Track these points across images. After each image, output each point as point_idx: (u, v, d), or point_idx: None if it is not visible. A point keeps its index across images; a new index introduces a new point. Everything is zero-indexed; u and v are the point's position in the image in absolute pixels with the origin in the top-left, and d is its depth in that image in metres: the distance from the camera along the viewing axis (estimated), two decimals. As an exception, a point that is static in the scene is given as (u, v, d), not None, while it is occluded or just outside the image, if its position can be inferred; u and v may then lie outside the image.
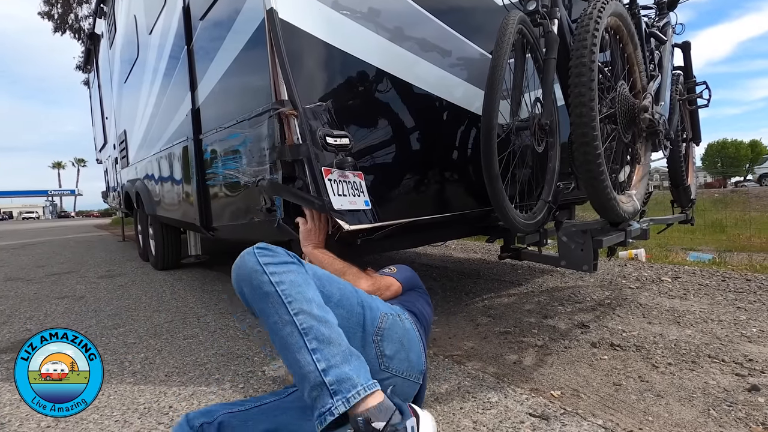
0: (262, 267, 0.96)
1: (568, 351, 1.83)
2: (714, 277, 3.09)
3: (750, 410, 1.33)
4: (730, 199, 13.80)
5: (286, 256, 1.01)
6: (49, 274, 4.41)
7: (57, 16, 14.71)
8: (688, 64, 2.81)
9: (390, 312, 1.15)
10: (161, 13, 3.04)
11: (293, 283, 0.96)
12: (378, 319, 1.10)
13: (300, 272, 1.00)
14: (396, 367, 1.11)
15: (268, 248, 1.01)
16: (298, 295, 0.94)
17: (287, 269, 0.98)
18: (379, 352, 1.09)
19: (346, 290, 1.10)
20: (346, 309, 1.07)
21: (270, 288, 0.94)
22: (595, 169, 1.47)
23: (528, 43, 1.69)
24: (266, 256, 0.98)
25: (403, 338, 1.13)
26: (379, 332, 1.09)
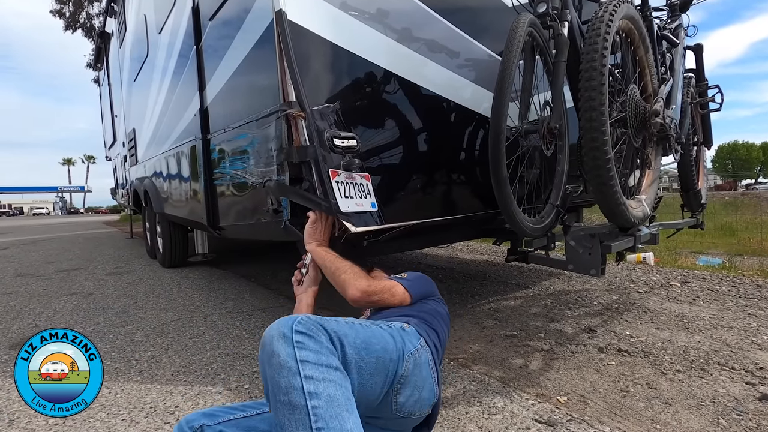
0: (298, 365, 0.78)
1: (574, 356, 1.82)
2: (724, 282, 3.06)
3: (760, 420, 1.31)
4: (740, 202, 13.64)
5: (327, 354, 0.83)
6: (58, 271, 4.45)
7: (68, 14, 14.85)
8: (700, 66, 2.77)
9: (410, 351, 1.04)
10: (171, 13, 3.05)
11: (331, 400, 0.77)
12: (402, 367, 0.99)
13: (342, 382, 0.82)
14: (407, 409, 1.04)
15: (310, 335, 0.83)
16: (332, 421, 0.75)
17: (328, 376, 0.80)
18: (394, 399, 1.01)
19: (381, 354, 0.96)
20: (380, 374, 0.95)
21: (300, 399, 0.76)
22: (605, 173, 1.45)
23: (538, 45, 1.68)
24: (305, 350, 0.80)
25: (419, 378, 1.04)
26: (400, 380, 1.00)
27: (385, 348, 0.98)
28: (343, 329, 0.93)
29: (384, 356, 0.97)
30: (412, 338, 1.09)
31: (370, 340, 0.96)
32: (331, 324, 0.91)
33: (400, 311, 1.30)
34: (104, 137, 9.25)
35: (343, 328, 0.93)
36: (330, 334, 0.87)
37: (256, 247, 5.31)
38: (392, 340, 1.02)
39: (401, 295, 1.32)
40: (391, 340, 1.02)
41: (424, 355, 1.08)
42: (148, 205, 4.77)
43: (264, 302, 2.84)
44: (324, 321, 0.91)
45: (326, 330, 0.87)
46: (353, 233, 1.50)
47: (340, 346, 0.88)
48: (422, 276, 1.47)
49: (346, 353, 0.88)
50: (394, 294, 1.31)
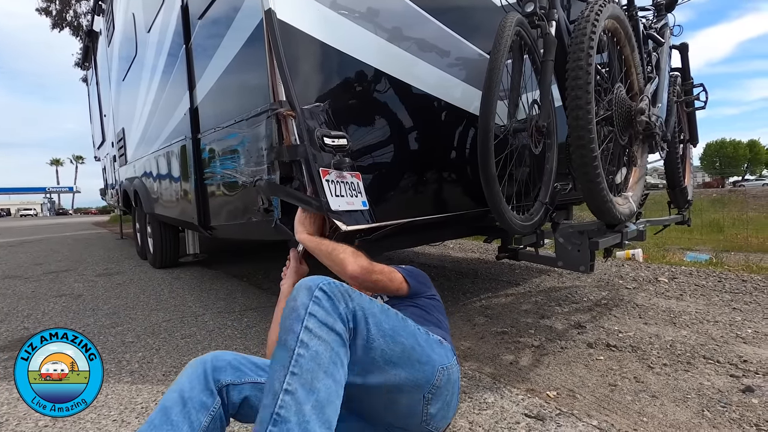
0: (306, 315, 0.84)
1: (564, 351, 1.84)
2: (710, 278, 3.11)
3: (744, 411, 1.34)
4: (728, 198, 13.84)
5: (338, 320, 0.85)
6: (46, 272, 4.40)
7: (55, 12, 14.64)
8: (685, 65, 2.82)
9: (444, 364, 1.02)
10: (160, 11, 3.03)
11: (316, 357, 0.81)
12: (435, 376, 0.98)
13: (336, 347, 0.84)
14: (435, 423, 1.02)
15: (331, 296, 0.87)
16: (307, 374, 0.79)
17: (325, 336, 0.83)
18: (425, 410, 0.99)
19: (408, 348, 0.95)
20: (405, 368, 0.94)
21: (292, 342, 0.82)
22: (592, 171, 1.48)
23: (526, 44, 1.70)
24: (318, 306, 0.85)
25: (449, 395, 1.02)
26: (432, 390, 0.98)
27: (413, 346, 0.97)
28: (374, 309, 0.93)
29: (412, 353, 0.96)
30: (448, 353, 1.07)
31: (399, 332, 0.95)
32: (360, 300, 0.92)
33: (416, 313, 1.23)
34: (93, 137, 9.15)
35: (374, 309, 0.93)
36: (353, 306, 0.89)
37: (247, 246, 5.29)
38: (425, 345, 1.00)
39: (399, 282, 1.28)
40: (423, 343, 1.00)
41: (456, 374, 1.07)
42: (138, 205, 4.73)
43: (256, 302, 2.83)
44: (355, 294, 0.92)
45: (351, 301, 0.89)
46: (344, 232, 1.50)
47: (364, 322, 0.89)
48: (419, 271, 1.44)
49: (370, 331, 0.90)
50: (392, 279, 1.27)
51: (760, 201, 13.56)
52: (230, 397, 0.94)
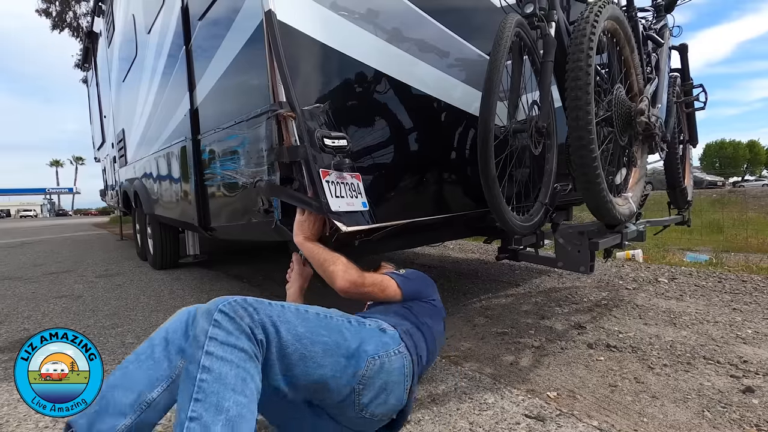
0: (206, 340, 0.84)
1: (564, 352, 1.84)
2: (710, 278, 3.11)
3: (744, 412, 1.34)
4: (727, 199, 13.84)
5: (242, 337, 0.85)
6: (46, 273, 4.40)
7: (55, 13, 14.65)
8: (685, 66, 2.82)
9: (378, 353, 1.06)
10: (160, 13, 3.04)
11: (220, 378, 0.80)
12: (363, 367, 1.02)
13: (243, 367, 0.83)
14: (371, 410, 1.06)
15: (232, 317, 0.87)
16: (212, 396, 0.79)
17: (229, 356, 0.83)
18: (357, 399, 1.03)
19: (330, 346, 0.99)
20: (330, 366, 0.98)
21: (194, 370, 0.81)
22: (591, 172, 1.48)
23: (525, 45, 1.70)
24: (218, 329, 0.85)
25: (387, 382, 1.06)
26: (362, 381, 1.02)
27: (337, 342, 1.00)
28: (286, 316, 0.95)
29: (335, 349, 0.99)
30: (388, 341, 1.10)
31: (318, 331, 0.98)
32: (267, 309, 0.93)
33: (397, 311, 1.30)
34: (93, 138, 9.15)
35: (286, 315, 0.95)
36: (260, 317, 0.90)
37: (248, 247, 5.29)
38: (351, 336, 1.04)
39: (392, 290, 1.34)
40: (350, 337, 1.04)
41: (399, 362, 1.09)
42: (138, 206, 4.73)
43: (256, 303, 2.83)
44: (261, 306, 0.93)
45: (257, 313, 0.90)
46: (344, 233, 1.50)
47: (275, 331, 0.91)
48: (422, 276, 1.48)
49: (282, 338, 0.91)
50: (384, 288, 1.33)
51: (760, 201, 13.56)
52: None
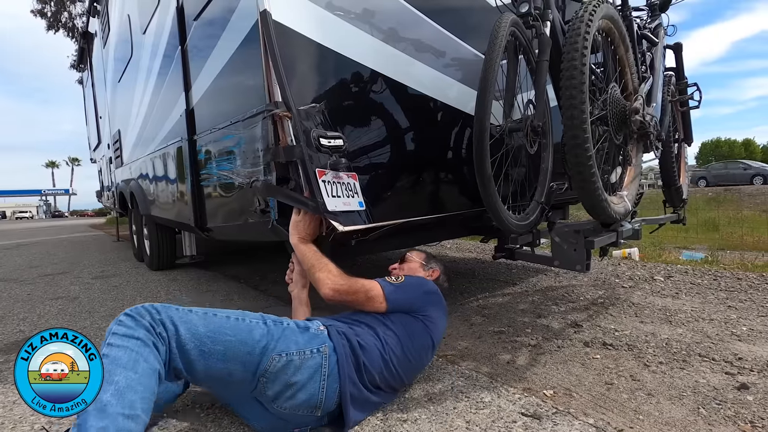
0: (108, 335, 1.02)
1: (561, 350, 1.85)
2: (706, 276, 3.12)
3: (739, 409, 1.35)
4: (723, 197, 13.91)
5: (139, 329, 1.03)
6: (42, 275, 4.38)
7: (50, 14, 14.59)
8: (680, 65, 2.83)
9: (287, 351, 1.15)
10: (155, 13, 3.03)
11: (114, 360, 0.98)
12: (266, 363, 1.12)
13: (137, 351, 1.00)
14: (281, 404, 1.15)
15: (133, 316, 1.05)
16: (106, 374, 0.96)
17: (125, 344, 1.00)
18: (263, 391, 1.14)
19: (234, 344, 1.11)
20: (234, 362, 1.10)
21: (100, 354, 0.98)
22: (587, 170, 1.48)
23: (521, 45, 1.70)
24: (121, 325, 1.03)
25: (293, 380, 1.14)
26: (264, 374, 1.12)
27: (242, 341, 1.12)
28: (188, 317, 1.10)
29: (240, 347, 1.11)
30: (303, 340, 1.19)
31: (223, 331, 1.11)
32: (169, 311, 1.09)
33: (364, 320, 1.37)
34: (89, 139, 9.13)
35: (189, 317, 1.11)
36: (160, 318, 1.07)
37: (245, 248, 5.28)
38: (260, 336, 1.14)
39: (377, 300, 1.36)
40: (258, 337, 1.14)
41: (314, 361, 1.17)
42: (134, 207, 4.71)
43: (253, 303, 2.83)
44: (164, 309, 1.09)
45: (158, 314, 1.07)
46: (341, 232, 1.51)
47: (174, 329, 1.07)
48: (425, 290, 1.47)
49: (180, 335, 1.07)
50: (369, 297, 1.36)
51: (755, 199, 13.63)
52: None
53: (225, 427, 1.30)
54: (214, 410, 1.39)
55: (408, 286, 1.44)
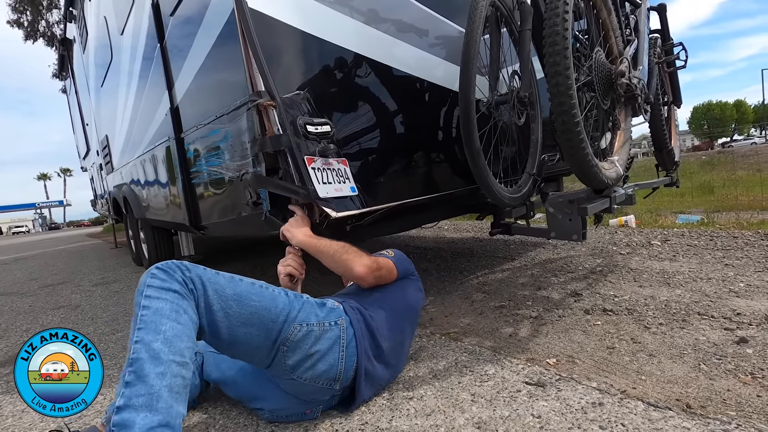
0: (144, 288, 1.00)
1: (562, 320, 1.86)
2: (702, 237, 3.14)
3: (739, 362, 1.36)
4: (717, 160, 13.95)
5: (174, 283, 1.01)
6: (43, 286, 4.38)
7: (27, 23, 14.33)
8: (664, 26, 2.81)
9: (308, 321, 1.16)
10: (131, 12, 2.97)
11: (158, 311, 0.96)
12: (287, 331, 1.12)
13: (176, 301, 0.99)
14: (300, 374, 1.15)
15: (166, 270, 1.03)
16: (151, 324, 0.94)
17: (164, 296, 0.99)
18: (283, 360, 1.13)
19: (259, 310, 1.10)
20: (256, 326, 1.09)
21: (137, 310, 0.97)
22: (575, 137, 1.48)
23: (502, 15, 1.68)
24: (155, 278, 1.01)
25: (314, 350, 1.15)
26: (285, 343, 1.12)
27: (267, 307, 1.12)
28: (215, 279, 1.09)
29: (264, 314, 1.11)
30: (322, 313, 1.21)
31: (248, 296, 1.11)
32: (198, 270, 1.08)
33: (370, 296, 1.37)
34: (77, 148, 9.04)
35: (216, 278, 1.09)
36: (190, 275, 1.05)
37: (243, 244, 5.28)
38: (283, 305, 1.15)
39: (394, 272, 1.42)
40: (282, 305, 1.14)
41: (333, 333, 1.19)
42: (128, 212, 4.69)
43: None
44: (193, 267, 1.08)
45: (188, 271, 1.05)
46: (334, 219, 1.50)
47: (202, 288, 1.05)
48: (402, 254, 1.53)
49: (209, 296, 1.05)
50: (390, 270, 1.41)
51: (748, 160, 13.68)
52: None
53: (233, 418, 1.31)
54: (221, 403, 1.41)
55: (397, 253, 1.51)
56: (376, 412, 1.25)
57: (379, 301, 1.36)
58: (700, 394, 1.21)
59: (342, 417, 1.25)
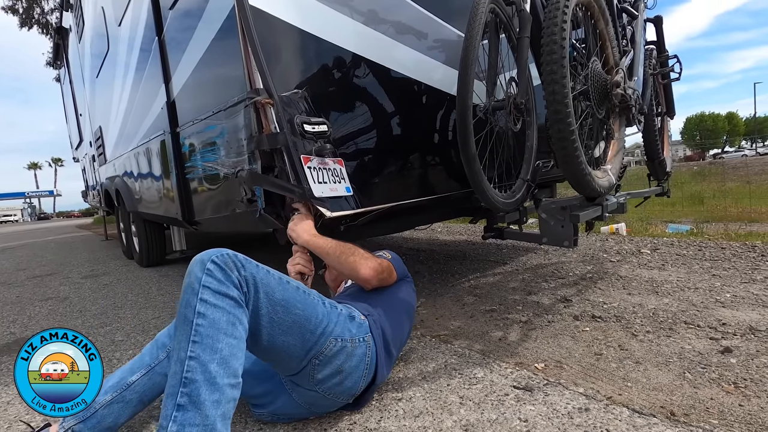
0: (199, 288, 0.92)
1: (551, 325, 1.88)
2: (691, 247, 3.19)
3: (723, 371, 1.39)
4: (708, 171, 14.12)
5: (231, 287, 0.94)
6: (31, 277, 4.33)
7: (22, 10, 14.15)
8: (660, 38, 2.84)
9: (343, 336, 1.12)
10: (129, 4, 2.96)
11: (214, 323, 0.90)
12: (324, 345, 1.09)
13: (233, 311, 0.93)
14: (326, 389, 1.13)
15: (222, 267, 0.95)
16: (208, 339, 0.88)
17: (220, 303, 0.92)
18: (312, 373, 1.10)
19: (301, 319, 1.05)
20: (295, 336, 1.04)
21: (191, 315, 0.90)
22: (569, 145, 1.49)
23: (501, 22, 1.70)
24: (212, 277, 0.93)
25: (344, 366, 1.13)
26: (318, 356, 1.08)
27: (308, 317, 1.07)
28: (267, 280, 1.01)
29: (305, 324, 1.06)
30: (354, 329, 1.17)
31: (294, 303, 1.05)
32: (253, 269, 1.00)
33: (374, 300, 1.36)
34: (70, 137, 8.95)
35: (268, 279, 1.02)
36: (245, 275, 0.97)
37: (237, 239, 5.26)
38: (323, 317, 1.10)
39: (394, 273, 1.43)
40: (321, 316, 1.10)
41: (361, 350, 1.16)
42: (120, 204, 4.66)
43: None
44: (248, 264, 1.00)
45: (244, 269, 0.98)
46: (329, 218, 1.51)
47: (254, 290, 0.98)
48: (397, 256, 1.54)
49: (259, 299, 0.99)
50: (391, 272, 1.42)
51: (738, 172, 13.87)
52: None
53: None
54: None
55: (393, 256, 1.51)
56: (365, 413, 1.26)
57: (383, 303, 1.36)
58: (684, 402, 1.23)
59: (330, 417, 1.25)
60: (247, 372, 1.20)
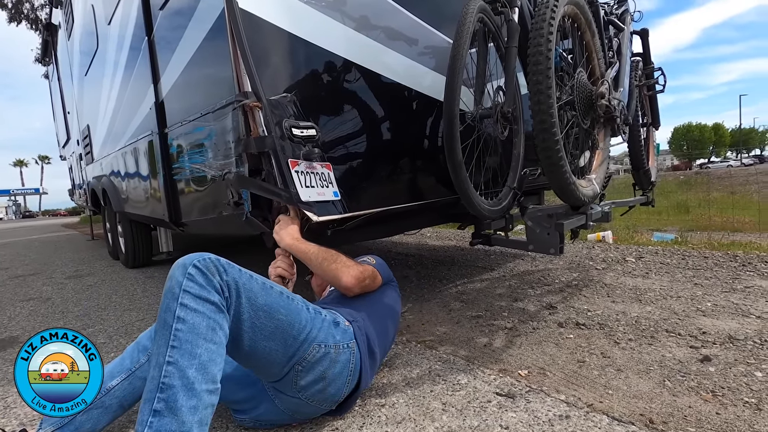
0: (180, 292, 0.91)
1: (536, 332, 1.90)
2: (675, 256, 3.23)
3: (701, 380, 1.41)
4: (694, 180, 14.36)
5: (212, 292, 0.93)
6: (12, 277, 4.25)
7: (11, 5, 13.96)
8: (646, 50, 2.90)
9: (326, 343, 1.11)
10: (119, 3, 2.93)
11: (193, 328, 0.88)
12: (307, 351, 1.07)
13: (213, 316, 0.91)
14: (309, 395, 1.12)
15: (204, 271, 0.93)
16: (187, 344, 0.87)
17: (201, 308, 0.90)
18: (295, 379, 1.09)
19: (284, 324, 1.04)
20: (277, 341, 1.03)
21: (170, 320, 0.89)
22: (555, 155, 1.51)
23: (489, 31, 1.72)
24: (193, 282, 0.92)
25: (327, 373, 1.12)
26: (301, 363, 1.07)
27: (291, 323, 1.06)
28: (250, 285, 1.00)
29: (287, 329, 1.05)
30: (338, 335, 1.16)
31: (277, 308, 1.04)
32: (236, 274, 0.99)
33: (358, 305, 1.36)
34: (57, 135, 8.82)
35: (251, 284, 1.01)
36: (227, 279, 0.96)
37: (224, 242, 5.22)
38: (306, 323, 1.09)
39: (379, 279, 1.44)
40: (305, 322, 1.09)
41: (345, 357, 1.15)
42: (107, 204, 4.60)
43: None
44: (230, 269, 0.98)
45: (226, 274, 0.97)
46: (315, 222, 1.51)
47: (236, 295, 0.97)
48: (382, 260, 1.55)
49: (241, 304, 0.98)
50: (375, 278, 1.42)
51: (723, 182, 14.12)
52: None
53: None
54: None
55: (378, 259, 1.52)
56: (347, 418, 1.25)
57: (368, 308, 1.36)
58: (663, 409, 1.24)
59: (313, 423, 1.25)
60: (229, 377, 1.19)
